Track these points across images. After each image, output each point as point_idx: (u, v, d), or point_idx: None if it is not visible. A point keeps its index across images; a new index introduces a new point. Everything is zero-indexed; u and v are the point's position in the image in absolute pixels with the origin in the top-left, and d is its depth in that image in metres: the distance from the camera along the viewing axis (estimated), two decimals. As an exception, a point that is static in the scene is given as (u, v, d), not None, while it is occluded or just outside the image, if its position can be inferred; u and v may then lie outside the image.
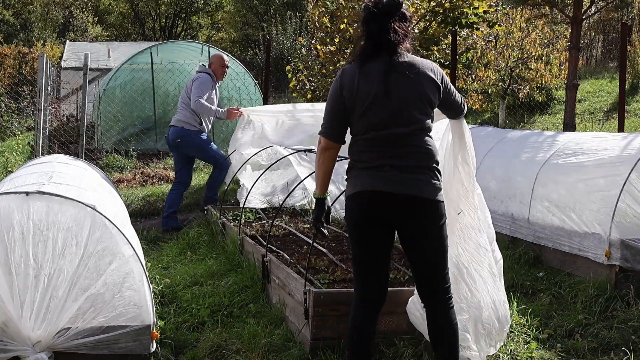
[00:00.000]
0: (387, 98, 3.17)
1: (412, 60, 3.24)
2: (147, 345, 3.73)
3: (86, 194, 4.21)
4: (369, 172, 3.23)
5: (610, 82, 15.71)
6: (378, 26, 3.22)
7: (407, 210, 3.20)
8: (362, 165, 3.26)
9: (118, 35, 37.42)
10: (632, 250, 4.72)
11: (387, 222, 3.27)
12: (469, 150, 3.67)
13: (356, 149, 3.30)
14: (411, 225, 3.24)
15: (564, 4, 11.21)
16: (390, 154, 3.20)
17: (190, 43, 14.13)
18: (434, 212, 3.23)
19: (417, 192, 3.18)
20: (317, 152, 3.38)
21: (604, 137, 5.90)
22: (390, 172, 3.18)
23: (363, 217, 3.27)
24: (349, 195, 3.31)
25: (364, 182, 3.23)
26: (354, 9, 9.48)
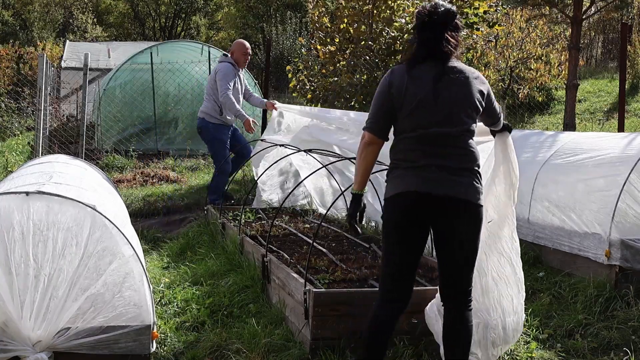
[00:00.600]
0: (435, 99, 3.24)
1: (462, 67, 3.33)
2: (147, 345, 3.73)
3: (86, 194, 4.21)
4: (414, 172, 3.25)
5: (610, 82, 15.72)
6: (433, 35, 3.29)
7: (449, 212, 3.25)
8: (406, 164, 3.28)
9: (118, 36, 37.41)
10: (632, 250, 4.72)
11: (426, 222, 3.31)
12: (513, 163, 3.71)
13: (401, 147, 3.33)
14: (450, 226, 3.28)
15: (564, 4, 11.21)
16: (436, 153, 3.25)
17: (190, 43, 14.13)
18: (475, 215, 3.29)
19: (461, 194, 3.23)
20: (360, 147, 3.39)
21: (604, 137, 5.90)
22: (435, 172, 3.22)
23: (406, 218, 3.29)
24: (392, 196, 3.32)
25: (409, 183, 3.25)
26: (354, 9, 9.48)
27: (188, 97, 13.17)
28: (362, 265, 4.92)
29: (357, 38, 9.50)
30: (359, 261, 5.06)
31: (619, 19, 18.56)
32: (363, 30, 9.51)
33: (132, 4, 37.09)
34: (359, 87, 9.31)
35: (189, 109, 13.16)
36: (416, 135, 3.27)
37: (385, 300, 3.37)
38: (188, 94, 13.15)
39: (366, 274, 4.67)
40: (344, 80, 9.36)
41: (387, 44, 9.42)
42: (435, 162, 3.23)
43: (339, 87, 9.41)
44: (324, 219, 6.62)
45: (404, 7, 9.49)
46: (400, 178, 3.29)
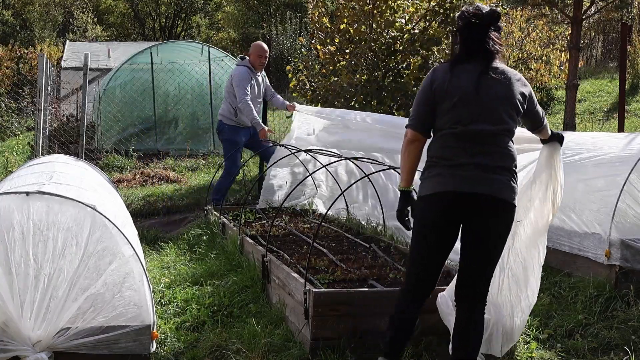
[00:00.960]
0: (477, 95, 3.26)
1: (504, 68, 3.37)
2: (147, 345, 3.73)
3: (86, 194, 4.21)
4: (450, 170, 3.26)
5: (610, 82, 15.72)
6: (478, 36, 3.33)
7: (484, 211, 3.27)
8: (444, 162, 3.29)
9: (118, 35, 37.41)
10: (632, 250, 4.72)
11: (460, 221, 3.33)
12: (557, 172, 3.74)
13: (439, 144, 3.34)
14: (485, 225, 3.29)
15: (564, 4, 11.21)
16: (474, 151, 3.26)
17: (190, 43, 14.13)
18: (508, 215, 3.32)
19: (497, 193, 3.24)
20: (403, 145, 3.41)
21: (604, 137, 5.90)
22: (472, 170, 3.23)
23: (442, 218, 3.30)
24: (427, 195, 3.32)
25: (446, 182, 3.26)
26: (354, 9, 9.48)
27: (188, 97, 13.18)
28: (362, 265, 4.92)
29: (357, 38, 9.50)
30: (359, 261, 5.06)
31: (619, 19, 18.56)
32: (363, 30, 9.51)
33: (132, 4, 37.08)
34: (359, 87, 9.31)
35: (189, 109, 13.17)
36: (455, 132, 3.28)
37: (410, 300, 3.43)
38: (188, 94, 13.16)
39: (366, 274, 4.67)
40: (344, 80, 9.36)
41: (387, 44, 9.42)
42: (472, 160, 3.24)
43: (339, 87, 9.40)
44: (324, 219, 6.62)
45: (404, 7, 9.49)
46: (437, 177, 3.30)
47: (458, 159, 3.26)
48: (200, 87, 13.22)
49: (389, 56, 9.44)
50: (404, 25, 9.42)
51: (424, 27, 9.43)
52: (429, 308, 3.91)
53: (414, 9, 9.50)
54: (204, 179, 10.15)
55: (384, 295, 3.94)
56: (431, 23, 9.42)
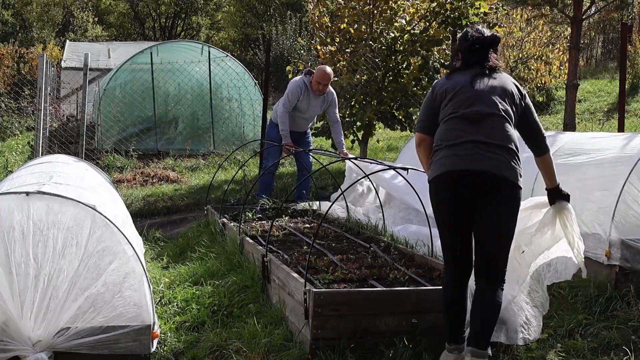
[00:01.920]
0: (472, 86, 3.58)
1: (501, 73, 3.69)
2: (147, 345, 3.73)
3: (86, 194, 4.21)
4: (451, 151, 3.50)
5: (610, 82, 15.73)
6: (479, 59, 3.67)
7: (486, 188, 3.45)
8: (445, 143, 3.54)
9: (118, 35, 37.41)
10: (632, 250, 4.72)
11: (467, 200, 3.50)
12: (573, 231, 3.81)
13: (442, 128, 3.62)
14: (486, 204, 3.46)
15: (564, 4, 11.21)
16: (471, 130, 3.50)
17: (190, 43, 14.15)
18: (511, 194, 3.49)
19: (496, 170, 3.43)
20: (416, 147, 3.81)
21: (604, 137, 5.89)
22: (471, 149, 3.45)
23: (451, 197, 3.55)
24: (434, 178, 3.58)
25: (447, 163, 3.51)
26: (354, 9, 9.47)
27: (188, 97, 13.18)
28: (362, 265, 4.91)
29: (357, 38, 9.50)
30: (359, 261, 5.06)
31: (619, 19, 18.57)
32: (363, 30, 9.50)
33: (132, 4, 37.06)
34: (359, 87, 9.31)
35: (189, 109, 13.18)
36: (455, 115, 3.55)
37: (447, 279, 3.64)
38: (188, 94, 13.17)
39: (366, 274, 4.67)
40: (344, 80, 9.36)
41: (387, 44, 9.42)
42: (470, 138, 3.47)
43: (339, 87, 9.40)
44: (324, 219, 6.62)
45: (404, 7, 9.49)
46: (441, 160, 3.54)
47: (457, 139, 3.50)
48: (200, 87, 13.23)
49: (389, 56, 9.44)
50: (404, 25, 9.42)
51: (424, 28, 9.43)
52: (429, 308, 3.92)
53: (414, 10, 9.49)
54: (204, 179, 10.16)
55: (384, 295, 3.94)
56: (431, 23, 9.42)
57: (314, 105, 7.72)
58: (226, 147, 12.33)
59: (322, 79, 7.51)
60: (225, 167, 10.63)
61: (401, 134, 12.73)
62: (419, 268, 4.86)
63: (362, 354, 3.77)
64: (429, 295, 3.94)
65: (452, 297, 3.63)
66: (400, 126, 9.93)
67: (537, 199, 4.01)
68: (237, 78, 13.15)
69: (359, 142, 10.24)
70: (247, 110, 13.25)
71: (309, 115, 7.81)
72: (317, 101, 7.70)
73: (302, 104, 7.63)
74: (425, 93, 9.69)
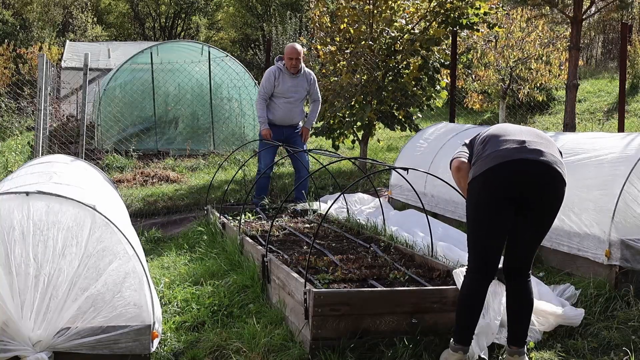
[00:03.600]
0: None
1: None
2: (147, 345, 3.72)
3: (86, 194, 4.21)
4: (502, 144, 3.46)
5: (610, 82, 15.72)
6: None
7: (542, 180, 3.41)
8: (493, 140, 3.52)
9: (118, 35, 37.41)
10: (632, 250, 4.72)
11: (521, 193, 3.44)
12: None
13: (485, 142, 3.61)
14: (539, 196, 3.44)
15: (564, 4, 11.20)
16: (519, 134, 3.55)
17: (190, 43, 14.14)
18: (562, 191, 3.48)
19: (553, 164, 3.41)
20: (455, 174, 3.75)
21: (604, 137, 5.89)
22: (525, 143, 3.43)
23: (499, 192, 3.44)
24: (484, 171, 3.45)
25: (500, 155, 3.42)
26: (354, 9, 9.48)
27: (188, 97, 13.18)
28: (362, 265, 4.91)
29: (357, 38, 9.50)
30: (359, 261, 5.06)
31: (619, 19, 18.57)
32: (363, 30, 9.51)
33: (132, 4, 37.08)
34: (359, 87, 9.31)
35: (189, 109, 13.18)
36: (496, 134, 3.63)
37: (480, 280, 3.58)
38: (188, 94, 13.17)
39: (366, 274, 4.67)
40: (344, 80, 9.36)
41: (387, 44, 9.43)
42: (522, 138, 3.48)
43: (339, 87, 9.41)
44: (324, 219, 6.62)
45: (404, 7, 9.49)
46: (491, 154, 3.46)
47: (508, 135, 3.53)
48: (200, 87, 13.23)
49: (389, 56, 9.44)
50: (404, 25, 9.42)
51: (424, 27, 9.43)
52: (429, 308, 3.92)
53: (414, 9, 9.50)
54: (204, 179, 10.16)
55: (384, 295, 3.94)
56: (431, 23, 9.42)
57: (295, 86, 7.73)
58: (226, 147, 12.33)
59: (291, 54, 7.61)
60: (225, 167, 10.63)
61: (401, 134, 12.73)
62: (419, 268, 4.86)
63: (362, 354, 3.77)
64: (429, 295, 3.94)
65: (475, 301, 3.58)
66: (400, 126, 9.94)
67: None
68: (237, 78, 13.16)
69: (359, 142, 10.25)
70: (247, 110, 13.26)
71: (294, 98, 7.77)
72: (296, 81, 7.73)
73: (281, 88, 7.68)
74: (426, 93, 9.71)
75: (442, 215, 7.09)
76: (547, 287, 4.54)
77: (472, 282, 3.58)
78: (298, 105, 7.84)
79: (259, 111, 7.75)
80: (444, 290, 4.00)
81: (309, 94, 7.94)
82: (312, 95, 7.96)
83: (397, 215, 6.80)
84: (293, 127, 7.87)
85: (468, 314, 3.58)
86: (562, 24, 14.94)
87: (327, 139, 10.26)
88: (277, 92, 7.70)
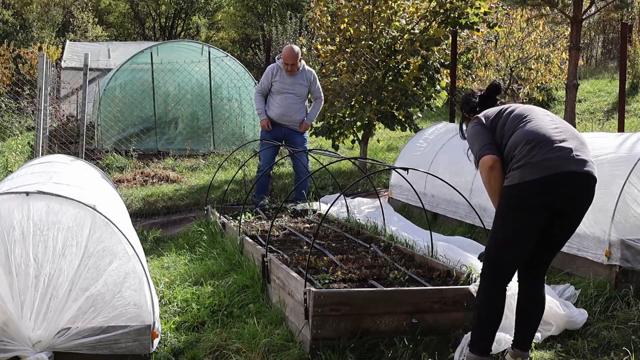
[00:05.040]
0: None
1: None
2: (147, 345, 3.73)
3: (86, 194, 4.21)
4: (542, 150, 3.31)
5: (610, 82, 15.72)
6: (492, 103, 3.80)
7: (583, 189, 3.35)
8: (532, 143, 3.35)
9: (118, 35, 37.40)
10: (632, 250, 4.72)
11: (561, 204, 3.38)
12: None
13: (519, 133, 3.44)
14: (576, 205, 3.39)
15: (564, 4, 11.21)
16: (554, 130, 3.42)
17: (190, 43, 14.14)
18: (592, 195, 3.42)
19: (593, 171, 3.35)
20: (484, 175, 3.50)
21: (603, 137, 5.89)
22: (567, 150, 3.32)
23: (540, 203, 3.35)
24: (530, 181, 3.31)
25: (554, 165, 3.29)
26: (354, 9, 9.48)
27: (188, 97, 13.18)
28: (362, 265, 4.92)
29: (357, 38, 9.50)
30: (359, 261, 5.06)
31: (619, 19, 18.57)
32: (363, 30, 9.51)
33: (132, 4, 37.07)
34: (359, 86, 9.32)
35: (189, 109, 13.18)
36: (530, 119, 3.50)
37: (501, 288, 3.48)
38: (188, 94, 13.17)
39: (366, 274, 4.67)
40: (344, 80, 9.36)
41: (387, 44, 9.43)
42: (562, 137, 3.36)
43: (339, 86, 9.41)
44: (324, 219, 6.62)
45: (404, 7, 9.49)
46: (542, 163, 3.31)
47: (547, 136, 3.37)
48: (200, 87, 13.23)
49: (389, 56, 9.45)
50: (404, 25, 9.42)
51: (424, 27, 9.43)
52: (429, 308, 3.92)
53: (414, 9, 9.50)
54: (204, 179, 10.16)
55: (384, 295, 3.94)
56: (431, 23, 9.43)
57: (293, 84, 7.75)
58: (226, 147, 12.33)
59: (287, 59, 7.66)
60: (225, 167, 10.63)
61: (401, 134, 12.73)
62: (419, 268, 4.86)
63: (362, 354, 3.77)
64: (429, 295, 3.94)
65: (500, 309, 3.47)
66: (400, 126, 9.94)
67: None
68: (237, 78, 13.15)
69: (359, 142, 10.25)
70: (247, 110, 13.25)
71: (292, 95, 7.77)
72: (294, 79, 7.75)
73: (279, 85, 7.74)
74: (426, 93, 9.72)
75: (442, 216, 7.09)
76: (549, 287, 4.53)
77: (497, 289, 3.46)
78: (297, 103, 7.82)
79: (257, 104, 7.88)
80: (444, 290, 4.00)
81: (310, 92, 7.94)
82: (314, 93, 7.97)
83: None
84: (293, 126, 7.87)
85: (493, 323, 3.46)
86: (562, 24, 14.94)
87: (327, 139, 10.26)
88: (275, 89, 7.75)
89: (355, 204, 7.58)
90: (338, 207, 7.26)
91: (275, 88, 7.75)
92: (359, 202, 7.71)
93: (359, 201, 7.74)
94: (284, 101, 7.75)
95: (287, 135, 7.84)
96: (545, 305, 3.63)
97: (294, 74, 7.71)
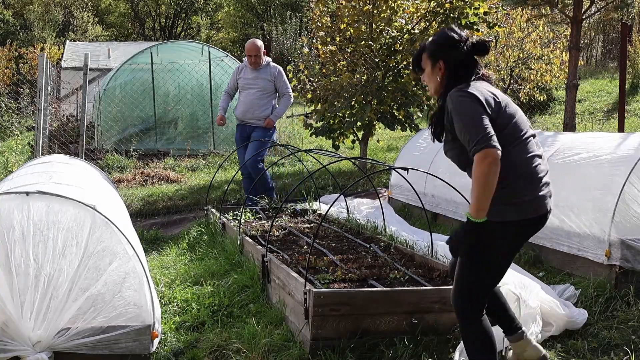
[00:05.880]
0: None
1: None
2: (147, 345, 3.73)
3: (86, 194, 4.21)
4: (542, 189, 3.13)
5: (610, 82, 15.72)
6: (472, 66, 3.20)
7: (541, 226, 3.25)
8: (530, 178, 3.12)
9: (118, 35, 37.42)
10: (632, 250, 4.72)
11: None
12: None
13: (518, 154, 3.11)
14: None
15: (564, 4, 11.21)
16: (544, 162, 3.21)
17: (190, 43, 14.14)
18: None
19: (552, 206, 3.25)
20: (484, 170, 2.92)
21: (604, 137, 5.89)
22: (547, 185, 3.18)
23: (525, 240, 3.27)
24: (521, 220, 3.09)
25: (541, 205, 3.12)
26: (354, 8, 9.47)
27: (188, 97, 13.18)
28: (362, 265, 4.92)
29: (357, 38, 9.50)
30: (359, 261, 5.06)
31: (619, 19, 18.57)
32: (363, 30, 9.50)
33: (132, 4, 37.09)
34: (359, 86, 9.31)
35: (189, 109, 13.18)
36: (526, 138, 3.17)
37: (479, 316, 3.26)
38: (188, 94, 13.17)
39: (366, 274, 4.67)
40: (344, 80, 9.36)
41: (387, 44, 9.42)
42: (545, 169, 3.18)
43: (339, 86, 9.40)
44: (324, 219, 6.62)
45: (404, 7, 9.49)
46: (532, 202, 3.10)
47: (540, 173, 3.15)
48: (200, 87, 13.23)
49: (389, 56, 9.44)
50: (404, 25, 9.41)
51: (424, 27, 9.43)
52: (429, 308, 3.92)
53: (414, 9, 9.49)
54: (204, 179, 10.16)
55: (384, 295, 3.94)
56: (431, 23, 9.42)
57: (256, 79, 7.85)
58: (226, 147, 12.33)
59: (249, 51, 7.83)
60: (225, 167, 10.64)
61: (401, 134, 12.73)
62: (419, 268, 4.86)
63: (362, 354, 3.78)
64: (429, 295, 3.94)
65: (491, 336, 3.26)
66: (400, 126, 9.94)
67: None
68: (237, 78, 13.15)
69: (359, 142, 10.25)
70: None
71: (254, 90, 7.84)
72: (257, 73, 7.85)
73: (242, 81, 7.93)
74: (426, 93, 9.71)
75: (443, 216, 7.09)
76: (549, 287, 4.53)
77: (482, 320, 3.23)
78: (260, 98, 7.85)
79: (221, 102, 8.15)
80: (444, 290, 4.00)
81: (277, 88, 7.97)
82: (280, 89, 7.98)
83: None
84: (257, 124, 7.89)
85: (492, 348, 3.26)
86: (562, 24, 14.94)
87: (327, 139, 10.26)
88: (240, 85, 7.98)
89: (355, 204, 7.58)
90: (338, 207, 7.26)
91: (240, 85, 7.97)
92: (358, 202, 7.71)
93: (359, 201, 7.74)
94: (247, 97, 7.87)
95: (251, 133, 7.89)
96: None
97: (257, 68, 7.83)
